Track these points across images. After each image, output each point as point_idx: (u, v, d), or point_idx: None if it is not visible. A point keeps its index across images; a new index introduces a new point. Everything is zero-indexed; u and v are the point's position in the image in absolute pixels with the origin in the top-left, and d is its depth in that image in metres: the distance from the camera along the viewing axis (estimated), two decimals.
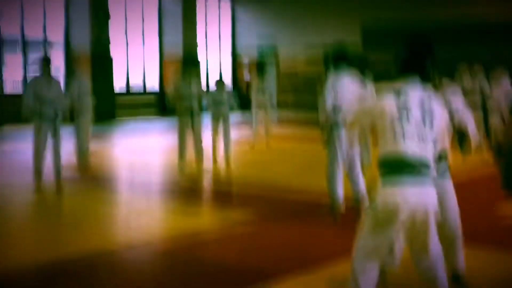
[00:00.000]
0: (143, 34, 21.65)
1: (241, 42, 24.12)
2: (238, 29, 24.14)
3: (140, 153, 13.57)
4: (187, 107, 11.53)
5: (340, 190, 7.48)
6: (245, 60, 23.37)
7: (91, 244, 6.37)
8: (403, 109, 3.80)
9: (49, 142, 9.19)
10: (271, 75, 22.68)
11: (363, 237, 3.95)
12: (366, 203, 7.16)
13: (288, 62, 22.90)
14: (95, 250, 6.13)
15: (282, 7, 22.73)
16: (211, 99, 11.83)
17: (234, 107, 12.11)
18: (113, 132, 17.80)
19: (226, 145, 11.73)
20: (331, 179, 7.51)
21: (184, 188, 9.80)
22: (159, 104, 21.21)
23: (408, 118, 3.79)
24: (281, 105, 22.80)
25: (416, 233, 3.85)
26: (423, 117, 3.81)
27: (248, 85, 14.95)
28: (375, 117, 3.90)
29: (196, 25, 22.20)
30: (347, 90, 7.30)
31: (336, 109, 7.23)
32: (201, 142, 11.39)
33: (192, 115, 11.69)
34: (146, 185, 9.76)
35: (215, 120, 11.86)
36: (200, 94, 11.85)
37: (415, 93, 3.86)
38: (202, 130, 11.26)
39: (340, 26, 21.18)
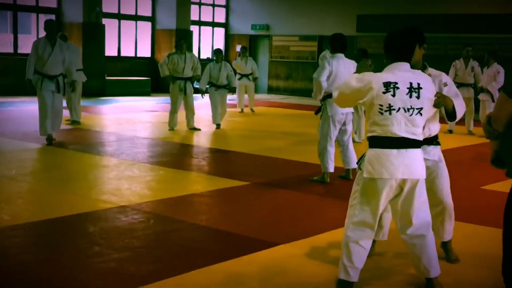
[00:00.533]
0: (136, 4, 21.42)
1: (235, 29, 23.94)
2: (232, 16, 23.91)
3: (131, 122, 13.55)
4: (181, 76, 11.90)
5: (332, 163, 7.74)
6: (237, 47, 23.30)
7: (84, 205, 6.35)
8: (389, 84, 3.91)
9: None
10: (262, 60, 22.83)
11: (355, 207, 4.09)
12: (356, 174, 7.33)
13: (281, 49, 22.78)
14: (87, 211, 6.12)
15: None
16: (209, 70, 12.25)
17: (231, 80, 12.68)
18: (104, 104, 17.73)
19: (222, 113, 12.45)
20: (323, 151, 7.69)
21: (176, 153, 9.87)
22: (151, 71, 21.07)
23: (394, 92, 3.90)
24: (273, 90, 22.88)
25: (402, 202, 4.02)
26: (410, 91, 3.91)
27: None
28: (363, 92, 3.96)
29: (190, 2, 21.98)
30: (343, 69, 7.65)
31: (331, 84, 7.48)
32: (193, 108, 12.14)
33: (185, 84, 11.90)
34: (138, 149, 9.76)
35: (213, 89, 12.61)
36: (195, 65, 12.07)
37: (401, 72, 3.97)
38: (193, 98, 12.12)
39: (335, 16, 21.11)
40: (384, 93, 3.89)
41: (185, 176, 8.05)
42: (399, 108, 3.89)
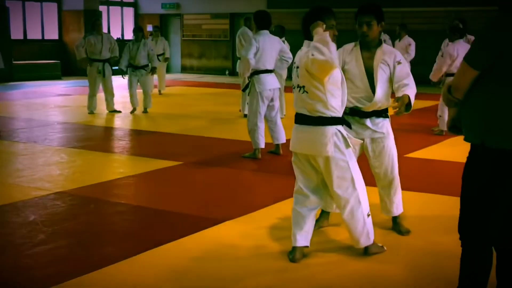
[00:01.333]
0: None
1: (144, 8, 23.51)
2: None
3: (47, 106, 13.18)
4: (99, 58, 11.66)
5: (262, 139, 7.90)
6: (149, 26, 22.94)
7: (18, 194, 6.24)
8: (294, 63, 4.27)
9: None
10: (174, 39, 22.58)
11: (296, 179, 4.43)
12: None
13: (192, 28, 22.61)
14: (23, 199, 6.00)
15: None
16: (128, 49, 11.84)
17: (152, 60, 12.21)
18: (12, 90, 17.10)
19: (144, 93, 12.06)
20: (253, 127, 7.82)
21: (101, 137, 9.74)
22: (60, 54, 20.47)
23: (296, 71, 4.22)
24: (186, 69, 22.73)
25: (324, 178, 4.28)
26: (296, 69, 4.21)
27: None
28: None
29: None
30: (269, 45, 7.81)
31: (258, 61, 7.65)
32: (112, 90, 11.95)
33: (103, 65, 11.68)
34: (62, 134, 9.54)
35: (132, 70, 12.08)
36: (112, 46, 11.85)
37: (301, 51, 4.20)
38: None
39: None
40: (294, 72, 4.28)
41: (116, 159, 7.98)
42: (294, 86, 4.23)
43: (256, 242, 4.75)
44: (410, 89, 4.46)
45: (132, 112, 11.99)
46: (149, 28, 22.56)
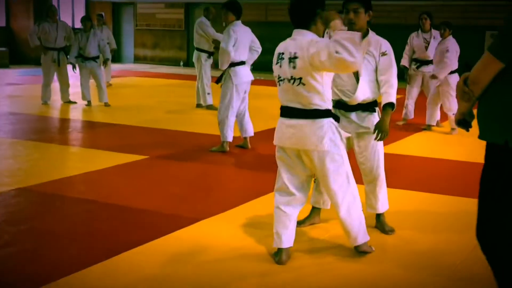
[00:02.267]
0: None
1: None
2: None
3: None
4: (53, 46, 11.24)
5: (231, 132, 7.69)
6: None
7: None
8: (279, 55, 3.99)
9: None
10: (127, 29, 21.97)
11: (278, 175, 4.20)
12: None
13: (146, 17, 22.07)
14: None
15: None
16: (77, 40, 11.26)
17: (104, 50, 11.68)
18: None
19: (98, 86, 11.40)
20: (224, 120, 7.58)
21: (59, 128, 9.34)
22: (7, 41, 19.77)
23: (280, 63, 3.96)
24: (140, 60, 22.18)
25: (317, 173, 4.08)
26: (289, 60, 3.91)
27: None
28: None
29: None
30: (244, 35, 7.60)
31: (236, 52, 7.43)
32: (67, 80, 11.54)
33: (58, 54, 11.28)
34: (16, 126, 9.10)
35: (82, 61, 11.42)
36: (68, 34, 11.44)
37: (292, 40, 3.96)
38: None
39: None
40: (275, 64, 4.01)
41: (77, 153, 7.63)
42: (283, 79, 3.95)
43: (236, 242, 4.51)
44: (389, 95, 4.43)
45: (87, 105, 11.40)
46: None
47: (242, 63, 7.57)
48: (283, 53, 3.95)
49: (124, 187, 6.04)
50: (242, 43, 7.49)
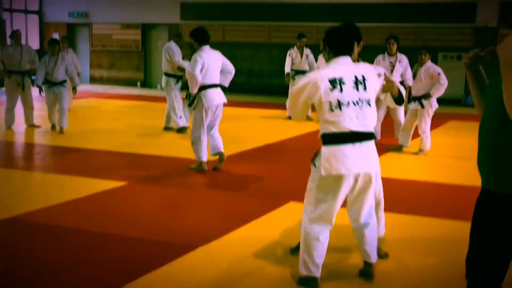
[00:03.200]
0: None
1: (50, 16, 22.50)
2: (46, 3, 22.46)
3: None
4: (17, 70, 11.05)
5: (205, 152, 7.90)
6: (55, 34, 21.96)
7: None
8: (335, 80, 3.98)
9: None
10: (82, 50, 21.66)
11: (312, 204, 4.16)
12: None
13: (102, 38, 21.88)
14: None
15: None
16: (44, 63, 10.94)
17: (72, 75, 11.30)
18: None
19: (61, 110, 11.03)
20: (196, 140, 7.82)
21: (27, 154, 9.17)
22: None
23: (341, 88, 3.96)
24: (95, 80, 21.93)
25: (357, 194, 4.14)
26: (356, 84, 4.00)
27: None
28: (311, 94, 3.98)
29: None
30: (213, 60, 7.80)
31: (204, 77, 7.63)
32: (31, 104, 11.37)
33: (23, 78, 11.11)
34: None
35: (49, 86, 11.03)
36: (32, 57, 11.28)
37: (344, 66, 4.07)
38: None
39: (159, 3, 20.74)
40: (331, 90, 3.95)
41: (57, 180, 7.45)
42: (348, 103, 3.95)
43: (247, 274, 4.54)
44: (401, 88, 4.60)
45: (52, 128, 11.17)
46: (55, 36, 21.70)
47: (213, 86, 7.72)
48: (341, 78, 3.98)
49: (112, 215, 5.98)
50: (211, 66, 7.69)
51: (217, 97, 7.78)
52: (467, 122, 12.89)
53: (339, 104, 3.95)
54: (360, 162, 4.01)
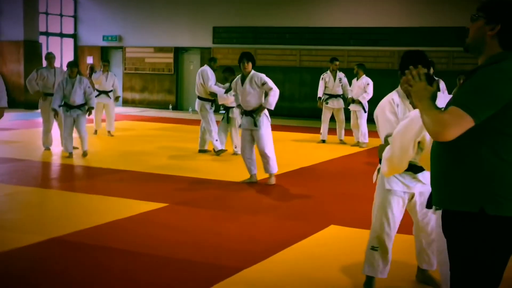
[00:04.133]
0: None
1: (85, 40, 22.96)
2: (81, 27, 22.94)
3: None
4: (52, 92, 11.07)
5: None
6: (89, 58, 22.39)
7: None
8: None
9: None
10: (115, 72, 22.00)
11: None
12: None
13: (135, 61, 22.22)
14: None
15: (130, 6, 22.01)
16: (61, 87, 10.63)
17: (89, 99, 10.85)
18: None
19: (81, 137, 10.78)
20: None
21: (70, 175, 9.33)
22: None
23: None
24: (128, 103, 22.24)
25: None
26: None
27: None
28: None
29: (37, 12, 20.76)
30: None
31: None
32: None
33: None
34: (32, 172, 9.09)
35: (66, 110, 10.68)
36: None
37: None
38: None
39: (191, 27, 21.06)
40: None
41: (100, 200, 7.53)
42: None
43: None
44: None
45: (68, 157, 10.56)
46: (89, 60, 22.12)
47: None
48: None
49: (157, 236, 6.05)
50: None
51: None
52: None
53: None
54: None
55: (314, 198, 7.97)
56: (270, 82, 8.49)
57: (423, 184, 4.37)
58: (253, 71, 8.59)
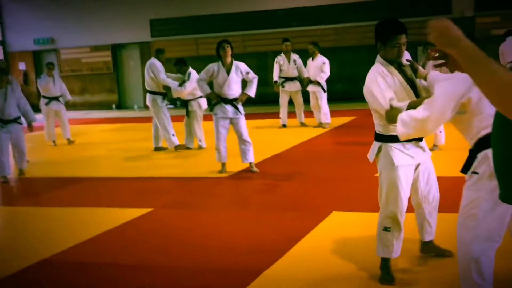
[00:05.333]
0: None
1: (14, 46, 21.82)
2: (9, 32, 21.79)
3: None
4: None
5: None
6: (21, 65, 21.37)
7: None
8: None
9: None
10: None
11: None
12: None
13: (71, 63, 21.30)
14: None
15: (60, 6, 21.01)
16: None
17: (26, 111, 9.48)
18: None
19: (19, 151, 9.42)
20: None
21: (33, 189, 8.70)
22: None
23: None
24: (68, 107, 21.24)
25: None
26: None
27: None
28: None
29: None
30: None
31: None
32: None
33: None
34: None
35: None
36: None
37: None
38: None
39: (128, 22, 20.26)
40: None
41: (72, 214, 7.01)
42: None
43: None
44: None
45: (4, 182, 8.99)
46: (22, 66, 21.15)
47: None
48: None
49: (154, 246, 5.58)
50: None
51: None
52: None
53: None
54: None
55: (302, 185, 7.67)
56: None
57: (424, 152, 4.36)
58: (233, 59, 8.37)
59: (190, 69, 10.78)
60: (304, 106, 13.25)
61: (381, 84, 4.10)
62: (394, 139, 4.04)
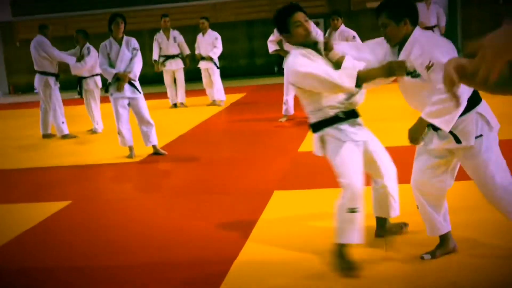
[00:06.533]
0: None
1: None
2: None
3: None
4: None
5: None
6: None
7: None
8: None
9: None
10: None
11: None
12: None
13: None
14: None
15: None
16: None
17: None
18: None
19: None
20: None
21: None
22: None
23: None
24: None
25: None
26: None
27: None
28: None
29: None
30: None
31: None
32: None
33: None
34: None
35: None
36: None
37: None
38: None
39: None
40: None
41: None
42: None
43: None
44: None
45: None
46: None
47: None
48: None
49: (87, 242, 5.02)
50: None
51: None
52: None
53: None
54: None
55: (227, 166, 7.33)
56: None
57: (363, 128, 4.11)
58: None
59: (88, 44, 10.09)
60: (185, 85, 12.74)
61: (311, 62, 3.87)
62: (331, 121, 3.93)
